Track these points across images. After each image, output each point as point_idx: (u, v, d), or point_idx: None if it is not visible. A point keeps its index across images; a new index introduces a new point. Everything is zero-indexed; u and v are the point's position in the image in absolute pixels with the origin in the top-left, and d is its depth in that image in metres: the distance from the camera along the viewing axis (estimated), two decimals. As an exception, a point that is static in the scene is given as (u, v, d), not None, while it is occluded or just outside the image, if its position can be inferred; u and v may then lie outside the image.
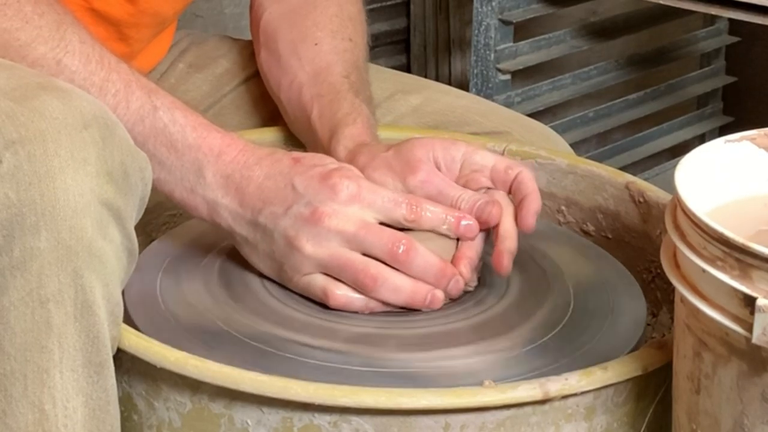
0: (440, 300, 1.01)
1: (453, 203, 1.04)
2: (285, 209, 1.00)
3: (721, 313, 0.79)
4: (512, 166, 1.06)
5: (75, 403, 0.87)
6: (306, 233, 0.99)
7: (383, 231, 0.99)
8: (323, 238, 0.99)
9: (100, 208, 0.87)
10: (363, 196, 0.99)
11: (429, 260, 1.00)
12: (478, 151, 1.07)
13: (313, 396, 0.87)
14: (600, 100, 2.33)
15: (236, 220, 1.02)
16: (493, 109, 1.35)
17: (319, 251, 0.99)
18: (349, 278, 1.00)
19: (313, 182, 1.00)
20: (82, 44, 1.00)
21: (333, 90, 1.17)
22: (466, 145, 1.07)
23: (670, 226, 0.84)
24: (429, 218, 1.01)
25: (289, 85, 1.21)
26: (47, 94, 0.88)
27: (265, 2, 1.29)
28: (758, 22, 1.77)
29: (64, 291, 0.85)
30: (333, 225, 0.98)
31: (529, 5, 2.08)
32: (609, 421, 0.93)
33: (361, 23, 1.28)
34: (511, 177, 1.06)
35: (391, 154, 1.06)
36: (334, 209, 0.99)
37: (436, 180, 1.05)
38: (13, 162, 0.84)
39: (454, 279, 1.01)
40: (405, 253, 0.99)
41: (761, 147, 0.91)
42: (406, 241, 0.99)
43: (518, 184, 1.06)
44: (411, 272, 1.00)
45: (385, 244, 0.99)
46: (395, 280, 1.00)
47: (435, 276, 1.01)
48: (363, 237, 0.99)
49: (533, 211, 1.04)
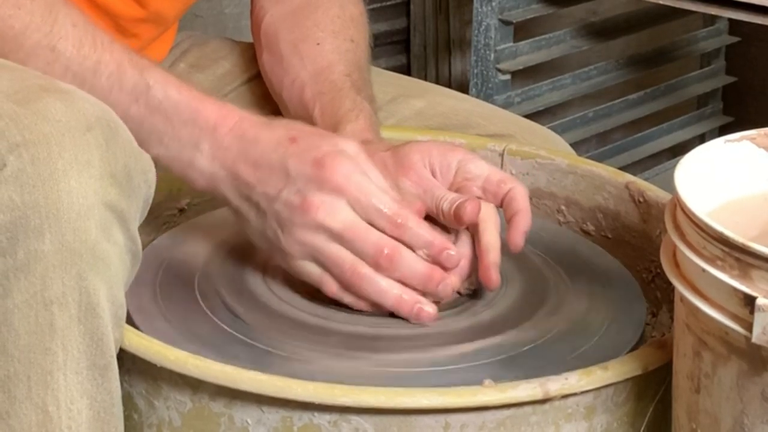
0: (429, 315, 1.00)
1: (436, 203, 1.03)
2: (277, 192, 0.99)
3: (720, 312, 0.79)
4: (506, 180, 1.06)
5: (79, 405, 0.87)
6: (296, 221, 0.99)
7: (368, 234, 0.99)
8: (312, 229, 0.99)
9: (103, 211, 0.87)
10: (351, 190, 0.99)
11: (414, 266, 1.00)
12: (474, 160, 1.06)
13: (312, 395, 0.87)
14: (600, 100, 2.33)
15: (232, 194, 1.01)
16: (496, 112, 1.35)
17: (309, 240, 0.99)
18: (337, 274, 1.00)
19: (305, 167, 0.99)
20: (74, 27, 0.99)
21: (335, 88, 1.17)
22: (464, 152, 1.07)
23: (670, 226, 0.84)
24: (410, 237, 1.00)
25: (291, 84, 1.21)
26: (50, 96, 0.88)
27: (266, 5, 1.29)
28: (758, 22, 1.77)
29: (68, 293, 0.86)
30: (320, 218, 0.98)
31: (529, 5, 2.08)
32: (609, 421, 0.93)
33: (363, 24, 1.28)
34: (503, 191, 1.05)
35: (389, 155, 1.06)
36: (322, 200, 0.98)
37: (424, 182, 1.05)
38: (17, 165, 0.84)
39: (443, 283, 1.01)
40: (388, 258, 0.99)
41: (761, 147, 0.91)
42: (391, 246, 0.99)
43: (510, 199, 1.05)
44: (394, 277, 1.00)
45: (369, 249, 0.99)
46: (381, 283, 0.99)
47: (421, 281, 1.00)
48: (349, 237, 0.98)
49: (522, 230, 1.04)
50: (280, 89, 1.24)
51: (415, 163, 1.05)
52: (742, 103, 2.53)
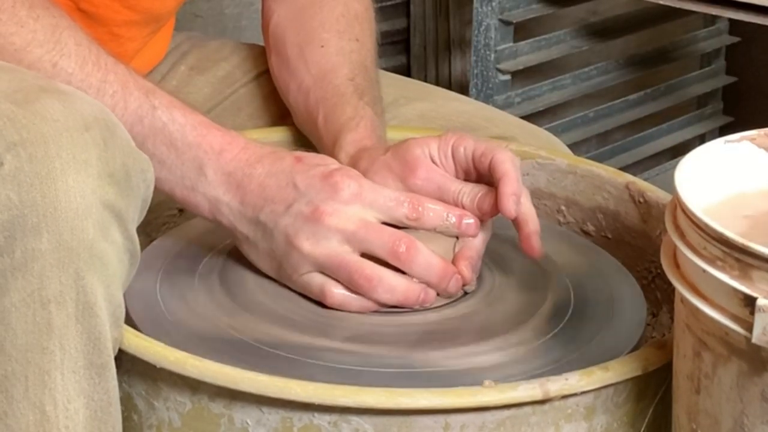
0: (433, 296, 1.01)
1: (454, 198, 1.04)
2: (286, 207, 1.00)
3: (721, 313, 0.79)
4: (486, 152, 1.03)
5: (76, 405, 0.87)
6: (305, 232, 0.99)
7: (384, 230, 0.99)
8: (322, 236, 0.99)
9: (101, 210, 0.87)
10: (364, 195, 0.99)
11: (431, 259, 1.00)
12: (462, 142, 1.05)
13: (312, 396, 0.87)
14: (600, 100, 2.33)
15: (237, 218, 1.02)
16: (499, 115, 1.35)
17: (316, 250, 0.99)
18: (345, 278, 1.00)
19: (314, 181, 1.00)
20: (78, 47, 1.00)
21: (337, 93, 1.17)
22: (456, 137, 1.06)
23: (670, 226, 0.84)
24: (431, 217, 1.01)
25: (297, 89, 1.22)
26: (48, 96, 0.89)
27: (273, 5, 1.29)
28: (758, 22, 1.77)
29: (66, 292, 0.86)
30: (333, 223, 0.98)
31: (529, 5, 2.08)
32: (609, 421, 0.93)
33: (369, 22, 1.28)
34: (486, 163, 1.03)
35: (390, 156, 1.06)
36: (335, 208, 0.99)
37: (436, 176, 1.04)
38: (14, 164, 0.84)
39: (455, 278, 1.01)
40: (407, 251, 0.99)
41: (761, 147, 0.91)
42: (408, 239, 0.99)
43: (493, 166, 1.03)
44: (412, 271, 1.00)
45: (386, 243, 0.99)
46: (390, 281, 1.00)
47: (437, 275, 1.00)
48: (363, 236, 0.99)
49: (510, 192, 1.00)
50: (287, 93, 1.24)
51: (419, 157, 1.05)
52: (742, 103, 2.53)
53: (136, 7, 1.20)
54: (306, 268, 1.00)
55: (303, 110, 1.21)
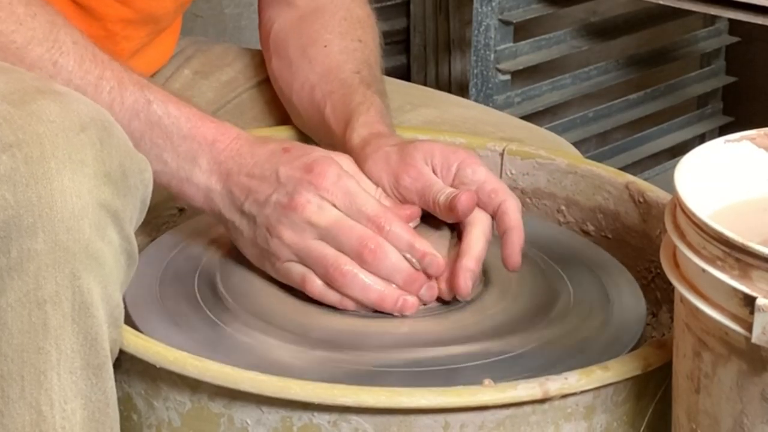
0: (412, 305, 1.00)
1: (433, 197, 1.03)
2: (266, 197, 1.01)
3: (720, 312, 0.79)
4: (498, 191, 1.04)
5: (73, 405, 0.87)
6: (284, 221, 1.00)
7: (354, 229, 1.00)
8: (299, 228, 1.00)
9: (97, 210, 0.87)
10: (337, 193, 1.00)
11: (397, 264, 1.00)
12: (473, 165, 1.05)
13: (312, 395, 0.87)
14: (600, 100, 2.33)
15: (227, 207, 1.03)
16: (505, 119, 1.35)
17: (295, 240, 1.00)
18: (321, 272, 1.00)
19: (295, 172, 1.01)
20: (75, 44, 1.01)
21: (344, 85, 1.18)
22: (466, 155, 1.06)
23: (670, 226, 0.84)
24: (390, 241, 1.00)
25: (301, 88, 1.22)
26: (44, 97, 0.89)
27: (273, 15, 1.30)
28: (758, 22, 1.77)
29: (62, 292, 0.86)
30: (306, 216, 0.99)
31: (529, 5, 2.08)
32: (609, 421, 0.93)
33: (371, 26, 1.30)
34: (495, 202, 1.04)
35: (394, 150, 1.06)
36: (308, 199, 0.99)
37: (424, 179, 1.05)
38: (9, 164, 0.85)
39: (427, 286, 1.01)
40: (372, 253, 0.99)
41: (761, 147, 0.91)
42: (376, 241, 0.99)
43: (502, 213, 1.04)
44: (379, 273, 1.00)
45: (353, 243, 0.99)
46: (365, 279, 1.00)
47: (403, 280, 1.00)
48: (335, 232, 0.99)
49: (517, 247, 1.03)
50: (289, 93, 1.24)
51: (418, 160, 1.05)
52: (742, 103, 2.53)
53: (132, 4, 1.20)
54: (286, 256, 1.01)
55: (308, 106, 1.21)
